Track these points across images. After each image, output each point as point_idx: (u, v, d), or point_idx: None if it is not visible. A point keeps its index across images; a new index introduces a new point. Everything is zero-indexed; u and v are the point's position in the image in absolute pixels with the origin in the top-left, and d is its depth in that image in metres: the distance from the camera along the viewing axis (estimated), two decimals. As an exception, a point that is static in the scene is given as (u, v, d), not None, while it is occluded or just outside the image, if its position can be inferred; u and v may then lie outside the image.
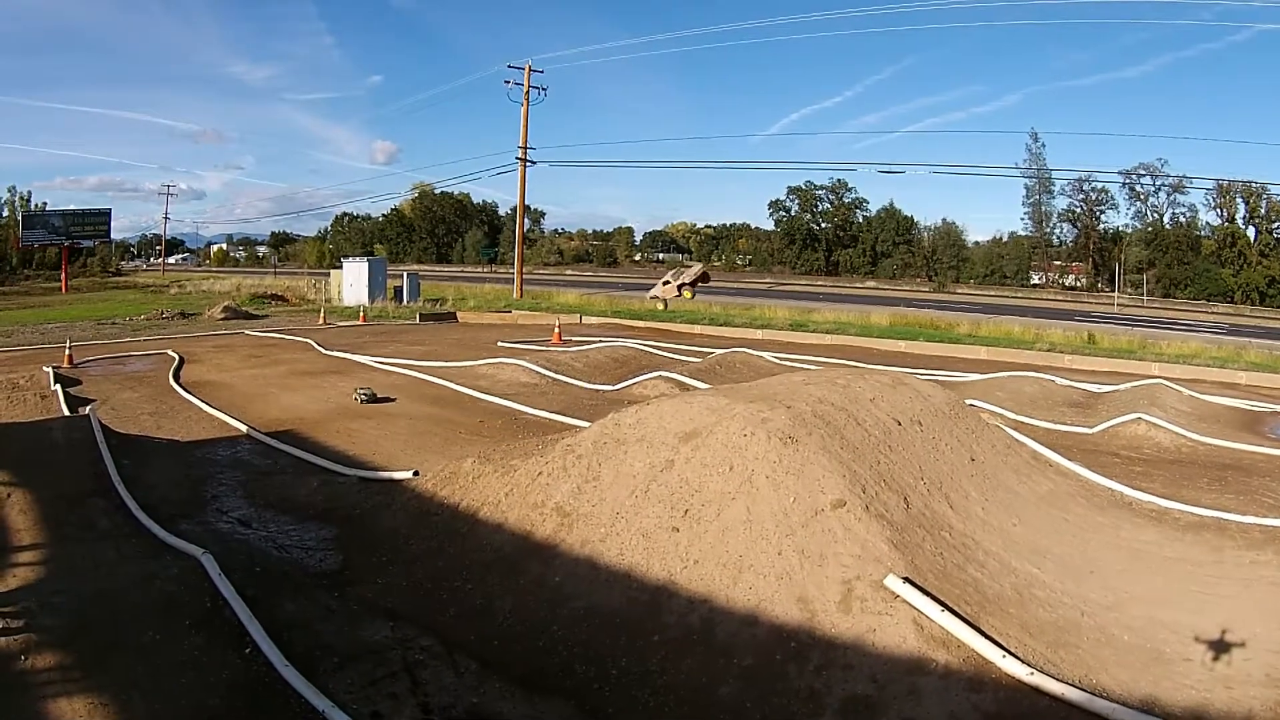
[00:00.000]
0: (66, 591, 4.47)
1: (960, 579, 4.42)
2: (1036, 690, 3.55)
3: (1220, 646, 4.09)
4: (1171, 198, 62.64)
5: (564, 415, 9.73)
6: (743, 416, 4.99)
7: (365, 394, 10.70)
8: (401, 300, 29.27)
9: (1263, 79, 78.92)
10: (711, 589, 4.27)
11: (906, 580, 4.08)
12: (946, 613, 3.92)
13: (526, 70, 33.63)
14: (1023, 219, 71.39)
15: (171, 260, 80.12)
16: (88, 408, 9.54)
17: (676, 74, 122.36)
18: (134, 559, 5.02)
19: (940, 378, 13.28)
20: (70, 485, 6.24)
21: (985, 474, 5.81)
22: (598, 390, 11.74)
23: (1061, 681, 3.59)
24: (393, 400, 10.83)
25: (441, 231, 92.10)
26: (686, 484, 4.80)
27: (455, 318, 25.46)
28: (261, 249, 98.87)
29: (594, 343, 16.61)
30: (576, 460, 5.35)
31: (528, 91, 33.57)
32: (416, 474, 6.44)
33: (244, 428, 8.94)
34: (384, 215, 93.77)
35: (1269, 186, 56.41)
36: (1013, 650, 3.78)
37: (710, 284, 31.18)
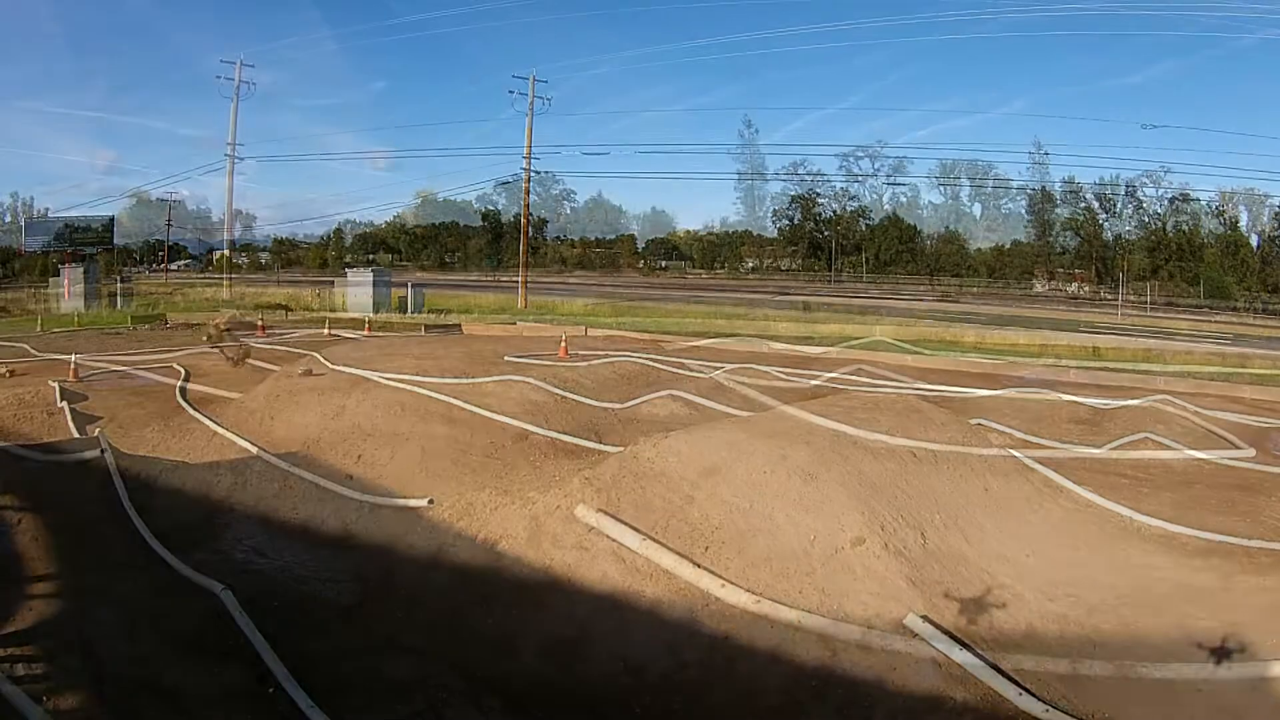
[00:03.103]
0: (86, 627, 4.48)
1: (976, 615, 4.45)
2: (1050, 728, 3.59)
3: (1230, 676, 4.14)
4: (1174, 205, 62.78)
5: (575, 436, 9.70)
6: (762, 453, 5.01)
7: (303, 369, 12.99)
8: (406, 311, 29.25)
9: (1266, 86, 79.01)
10: (733, 627, 4.29)
11: (925, 619, 4.11)
12: (964, 650, 3.95)
13: (531, 81, 33.80)
14: (1026, 227, 71.50)
15: (174, 267, 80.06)
16: (96, 427, 9.54)
17: (679, 81, 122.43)
18: (152, 593, 5.01)
19: (947, 393, 13.33)
20: (83, 511, 6.25)
21: (998, 504, 5.83)
22: (607, 409, 11.70)
23: (1075, 718, 3.62)
24: (323, 375, 12.78)
25: (444, 238, 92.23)
26: (707, 520, 4.81)
27: (460, 329, 25.40)
28: (264, 255, 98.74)
29: (601, 357, 16.59)
30: (595, 494, 5.34)
31: (532, 102, 33.76)
32: (431, 502, 6.41)
33: (254, 449, 8.89)
34: (387, 222, 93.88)
35: (1271, 195, 56.57)
36: (1029, 688, 3.81)
37: (712, 292, 31.05)
